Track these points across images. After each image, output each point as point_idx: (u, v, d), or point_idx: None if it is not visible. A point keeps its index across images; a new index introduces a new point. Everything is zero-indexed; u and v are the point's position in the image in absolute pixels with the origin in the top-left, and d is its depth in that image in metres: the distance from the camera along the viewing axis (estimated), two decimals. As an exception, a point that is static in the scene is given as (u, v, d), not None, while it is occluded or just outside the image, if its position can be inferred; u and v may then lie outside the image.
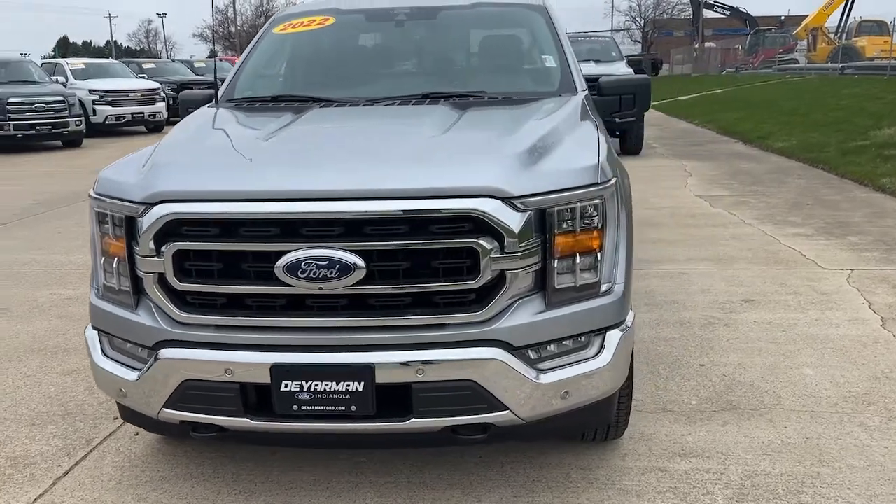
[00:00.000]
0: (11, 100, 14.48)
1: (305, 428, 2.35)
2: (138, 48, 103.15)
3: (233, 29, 59.94)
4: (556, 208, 2.34)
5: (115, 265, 2.49)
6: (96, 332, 2.62)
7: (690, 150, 12.64)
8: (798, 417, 3.24)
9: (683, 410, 3.34)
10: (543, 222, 2.33)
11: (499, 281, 2.28)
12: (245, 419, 2.36)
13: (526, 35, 3.84)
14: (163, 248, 2.31)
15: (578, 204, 2.38)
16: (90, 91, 17.18)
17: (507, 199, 2.26)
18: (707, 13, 54.09)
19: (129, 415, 2.68)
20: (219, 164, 2.51)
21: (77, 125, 15.35)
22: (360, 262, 2.22)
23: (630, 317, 2.60)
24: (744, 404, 3.37)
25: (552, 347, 2.42)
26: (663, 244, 6.29)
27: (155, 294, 2.37)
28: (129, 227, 2.40)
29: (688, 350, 4.01)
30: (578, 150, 2.56)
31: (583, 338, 2.46)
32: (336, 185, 2.28)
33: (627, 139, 12.10)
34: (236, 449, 3.04)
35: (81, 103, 16.16)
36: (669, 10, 68.22)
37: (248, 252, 2.27)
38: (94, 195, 2.55)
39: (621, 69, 12.09)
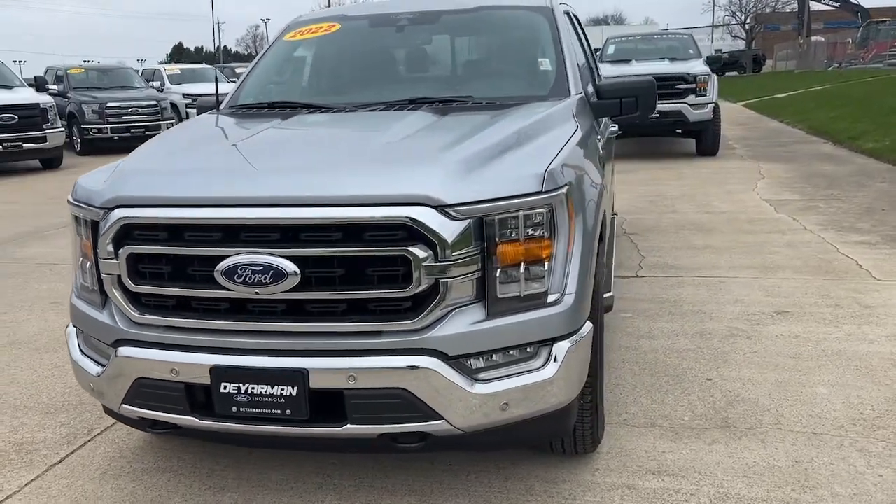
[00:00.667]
0: (109, 104, 15.39)
1: (244, 429, 2.41)
2: (246, 52, 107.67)
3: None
4: (496, 217, 2.30)
5: (87, 266, 2.62)
6: (74, 329, 2.76)
7: (771, 152, 12.07)
8: (794, 439, 3.06)
9: (673, 426, 3.21)
10: (484, 231, 2.29)
11: (434, 289, 2.26)
12: (192, 418, 2.44)
13: (525, 38, 3.78)
14: (119, 251, 2.42)
15: (521, 212, 2.33)
16: (183, 95, 18.04)
17: (440, 208, 2.24)
18: (815, 5, 51.48)
19: (105, 409, 2.82)
20: (173, 170, 2.60)
21: (168, 127, 16.17)
22: (295, 269, 2.25)
23: (586, 328, 2.52)
24: (740, 422, 3.21)
25: (496, 357, 2.38)
26: (709, 251, 6.06)
27: (114, 295, 2.49)
28: (94, 230, 2.52)
29: (699, 363, 3.85)
30: (531, 157, 2.50)
31: (528, 349, 2.41)
32: (273, 192, 2.32)
33: (702, 140, 11.72)
34: (218, 446, 3.13)
35: (175, 106, 17.01)
36: (773, 4, 65.30)
37: (192, 256, 2.35)
38: (70, 200, 2.70)
39: (697, 67, 11.69)
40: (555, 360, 2.40)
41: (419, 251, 2.22)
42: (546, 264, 2.39)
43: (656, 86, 3.57)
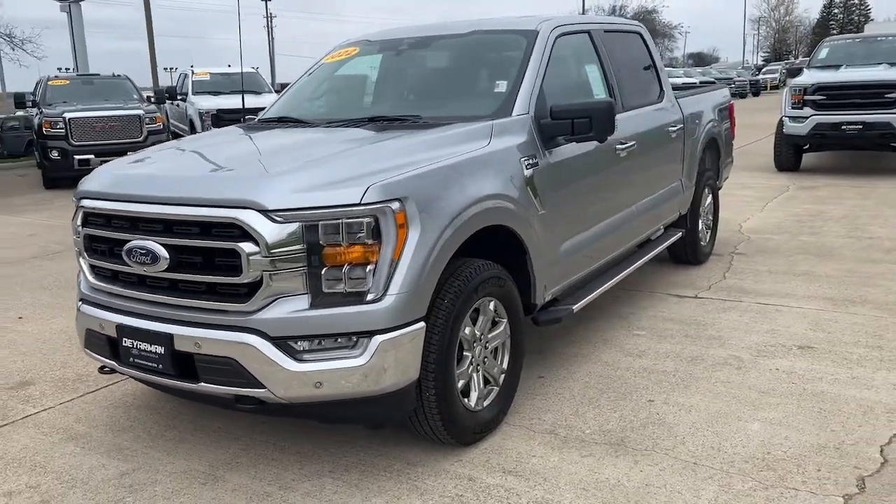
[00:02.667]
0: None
1: (143, 377, 3.08)
2: None
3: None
4: (320, 222, 2.72)
5: (80, 243, 3.47)
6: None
7: None
8: (669, 465, 3.05)
9: (567, 436, 3.33)
10: (309, 234, 2.73)
11: (262, 279, 2.75)
12: (114, 363, 3.17)
13: (497, 61, 4.02)
14: (81, 231, 3.22)
15: (344, 220, 2.72)
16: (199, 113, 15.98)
17: (264, 212, 2.72)
18: None
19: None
20: (122, 172, 3.33)
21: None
22: (166, 254, 2.88)
23: (413, 327, 2.83)
24: (635, 443, 3.25)
25: (323, 343, 2.80)
26: (802, 278, 5.66)
27: (80, 265, 3.30)
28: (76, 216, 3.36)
29: (658, 385, 3.84)
30: (368, 172, 2.86)
31: (351, 338, 2.79)
32: (158, 192, 2.96)
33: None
34: (193, 405, 3.85)
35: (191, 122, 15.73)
36: None
37: (112, 238, 3.07)
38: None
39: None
40: (369, 351, 2.76)
41: (247, 246, 2.72)
42: (368, 267, 2.75)
43: (613, 107, 3.65)
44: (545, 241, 3.65)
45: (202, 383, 2.90)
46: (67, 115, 12.26)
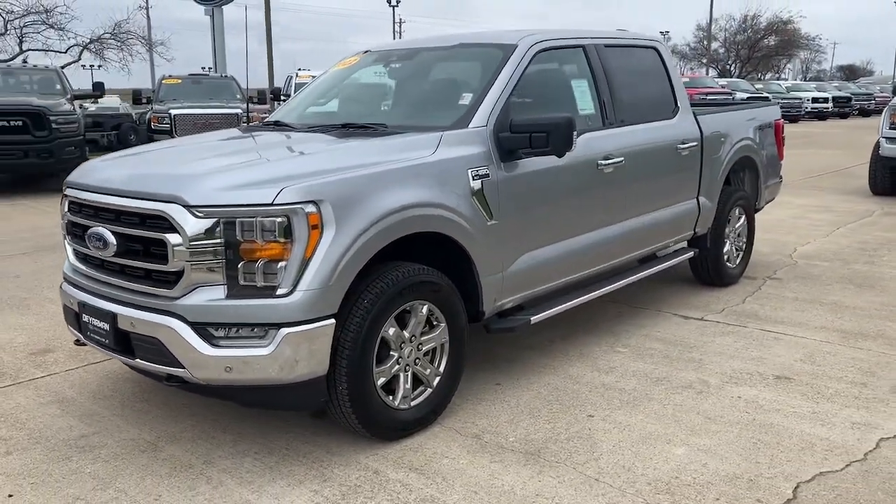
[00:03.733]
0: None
1: (99, 350, 3.43)
2: None
3: (714, 45, 59.18)
4: (236, 219, 2.96)
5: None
6: (75, 269, 4.07)
7: None
8: (570, 479, 3.08)
9: (489, 442, 3.41)
10: (227, 229, 2.97)
11: (184, 268, 3.02)
12: (80, 336, 3.54)
13: (472, 73, 4.12)
14: (65, 217, 3.62)
15: (259, 219, 2.95)
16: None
17: (187, 207, 2.99)
18: None
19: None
20: (100, 165, 3.69)
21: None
22: (114, 240, 3.21)
23: (322, 323, 3.02)
24: (550, 455, 3.29)
25: (240, 331, 3.03)
26: (826, 308, 5.41)
27: (65, 247, 3.70)
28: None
29: (605, 401, 3.84)
30: (294, 174, 3.07)
31: (263, 329, 3.01)
32: (114, 184, 3.29)
33: None
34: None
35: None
36: None
37: (80, 224, 3.44)
38: None
39: None
40: (275, 342, 2.97)
41: (172, 238, 3.00)
42: (281, 263, 2.97)
43: (572, 123, 3.70)
44: (496, 252, 3.74)
45: (138, 360, 3.20)
46: (172, 112, 13.25)
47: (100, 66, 31.12)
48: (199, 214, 2.98)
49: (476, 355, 4.47)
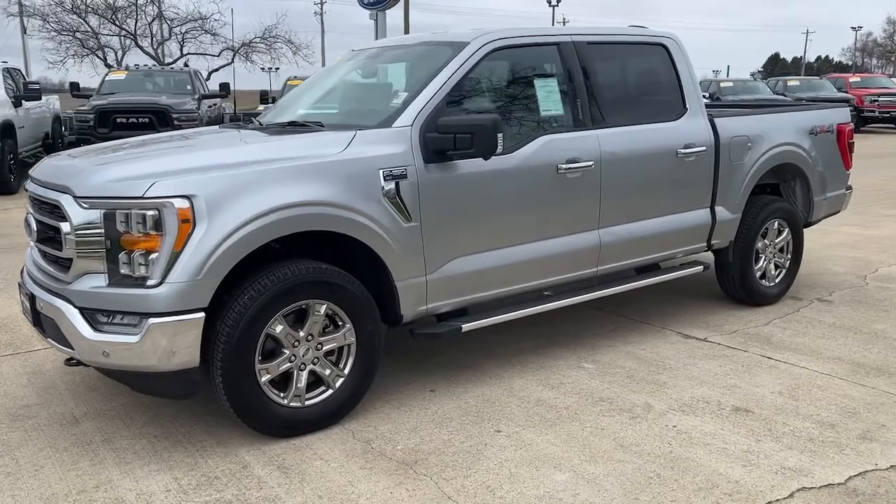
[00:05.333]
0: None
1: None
2: (850, 63, 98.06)
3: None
4: (115, 210, 3.11)
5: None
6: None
7: None
8: (425, 493, 2.95)
9: (374, 449, 3.34)
10: (109, 220, 3.13)
11: (74, 255, 3.21)
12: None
13: (419, 72, 4.00)
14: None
15: (134, 211, 3.08)
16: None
17: (75, 197, 3.17)
18: None
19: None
20: (50, 157, 3.96)
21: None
22: (34, 227, 3.46)
23: (191, 316, 3.10)
24: (426, 467, 3.17)
25: (120, 318, 3.18)
26: (861, 337, 4.80)
27: None
28: None
29: (527, 418, 3.64)
30: (177, 169, 3.18)
31: (137, 317, 3.13)
32: (41, 176, 3.54)
33: None
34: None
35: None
36: None
37: (29, 212, 3.74)
38: None
39: None
40: (143, 331, 3.09)
41: (64, 226, 3.20)
42: (152, 255, 3.08)
43: (498, 125, 3.55)
44: (416, 255, 3.65)
45: (49, 338, 3.44)
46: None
47: (268, 69, 33.35)
48: (85, 205, 3.15)
49: (432, 358, 4.38)
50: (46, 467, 3.21)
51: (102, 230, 3.12)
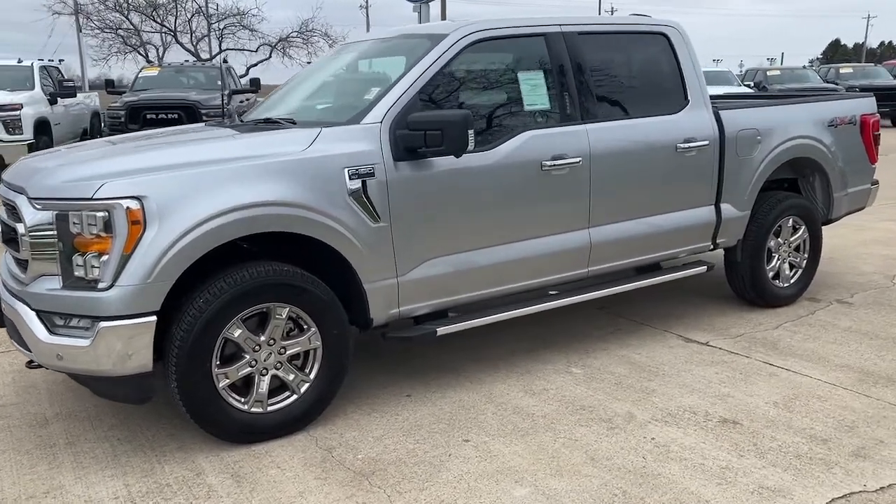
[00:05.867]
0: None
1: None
2: None
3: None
4: (67, 212, 3.06)
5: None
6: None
7: None
8: (372, 508, 2.85)
9: (334, 458, 3.24)
10: (62, 221, 3.08)
11: (29, 256, 3.17)
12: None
13: (396, 66, 3.86)
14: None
15: (85, 213, 3.02)
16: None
17: (29, 198, 3.13)
18: None
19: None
20: (22, 158, 3.94)
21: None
22: (1, 228, 3.44)
23: (142, 320, 3.03)
24: (382, 479, 3.05)
25: (76, 321, 3.13)
26: (875, 343, 4.52)
27: None
28: None
29: (498, 427, 3.49)
30: (129, 169, 3.11)
31: (87, 321, 3.08)
32: (7, 177, 3.51)
33: None
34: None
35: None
36: None
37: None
38: None
39: None
40: (94, 335, 3.03)
41: (20, 227, 3.17)
42: (104, 257, 3.02)
43: (468, 120, 3.40)
44: (385, 256, 3.53)
45: (13, 341, 3.42)
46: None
47: (307, 63, 33.63)
48: (38, 206, 3.11)
49: (412, 361, 4.26)
50: (4, 470, 3.19)
51: (55, 231, 3.07)
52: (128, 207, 2.99)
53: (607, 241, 4.24)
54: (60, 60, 13.98)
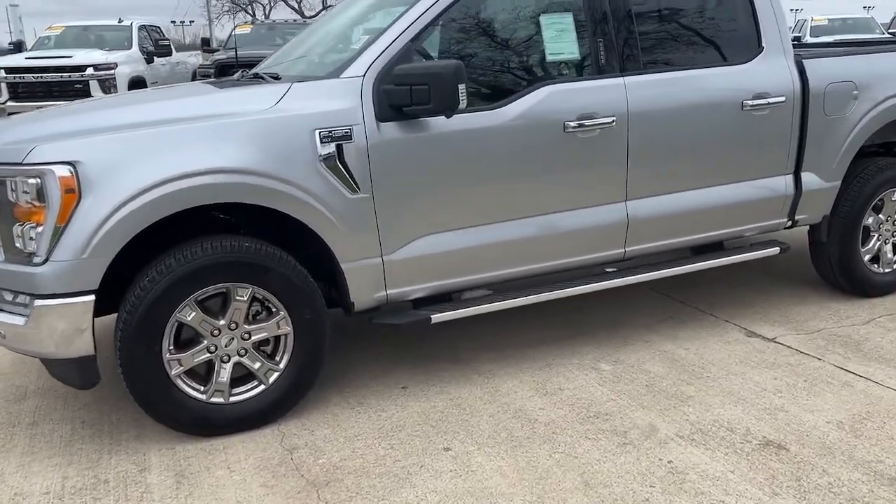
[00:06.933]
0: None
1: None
2: None
3: None
4: (6, 179, 2.78)
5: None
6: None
7: None
8: (307, 529, 2.45)
9: (294, 460, 2.86)
10: (0, 187, 2.81)
11: None
12: None
13: (391, 15, 3.31)
14: None
15: (17, 179, 2.74)
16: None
17: None
18: None
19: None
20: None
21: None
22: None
23: (79, 300, 2.73)
24: (332, 493, 2.65)
25: (18, 297, 2.87)
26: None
27: None
28: None
29: (491, 435, 3.00)
30: (66, 132, 2.80)
31: (25, 297, 2.81)
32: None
33: None
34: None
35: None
36: None
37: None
38: None
39: None
40: (29, 314, 2.76)
41: None
42: (38, 229, 2.73)
43: (459, 73, 2.88)
44: (367, 232, 3.08)
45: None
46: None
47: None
48: (-23, 171, 2.85)
49: (418, 348, 3.82)
50: (-43, 450, 3.02)
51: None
52: (59, 174, 2.67)
53: (649, 218, 3.60)
54: (191, 22, 14.16)
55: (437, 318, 3.26)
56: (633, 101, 3.43)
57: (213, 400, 3.00)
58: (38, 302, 2.73)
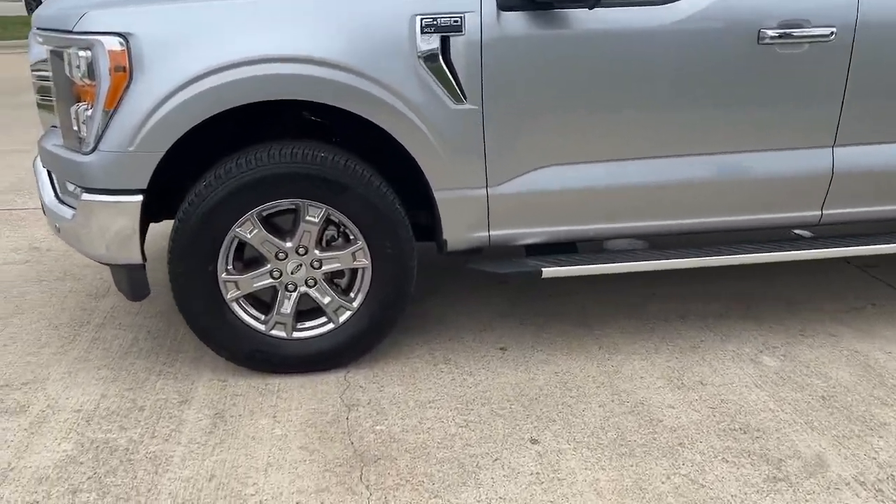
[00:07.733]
0: None
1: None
2: None
3: None
4: (61, 50, 2.39)
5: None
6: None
7: None
8: (330, 520, 1.96)
9: (349, 425, 2.37)
10: (55, 59, 2.44)
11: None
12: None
13: None
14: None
15: (70, 50, 2.34)
16: None
17: (33, 30, 2.56)
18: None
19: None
20: None
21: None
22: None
23: (126, 199, 2.37)
24: (375, 479, 2.14)
25: (72, 187, 2.55)
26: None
27: None
28: None
29: (591, 431, 2.34)
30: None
31: (77, 189, 2.48)
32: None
33: None
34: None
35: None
36: None
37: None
38: None
39: None
40: (78, 207, 2.44)
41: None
42: (88, 111, 2.35)
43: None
44: (473, 155, 2.44)
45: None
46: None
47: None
48: (40, 39, 2.52)
49: (545, 299, 3.18)
50: (18, 342, 2.84)
51: (49, 72, 2.46)
52: (108, 47, 2.25)
53: (863, 173, 2.65)
54: None
55: (549, 272, 2.58)
56: (864, 7, 2.46)
57: (274, 333, 2.57)
58: (85, 196, 2.39)
